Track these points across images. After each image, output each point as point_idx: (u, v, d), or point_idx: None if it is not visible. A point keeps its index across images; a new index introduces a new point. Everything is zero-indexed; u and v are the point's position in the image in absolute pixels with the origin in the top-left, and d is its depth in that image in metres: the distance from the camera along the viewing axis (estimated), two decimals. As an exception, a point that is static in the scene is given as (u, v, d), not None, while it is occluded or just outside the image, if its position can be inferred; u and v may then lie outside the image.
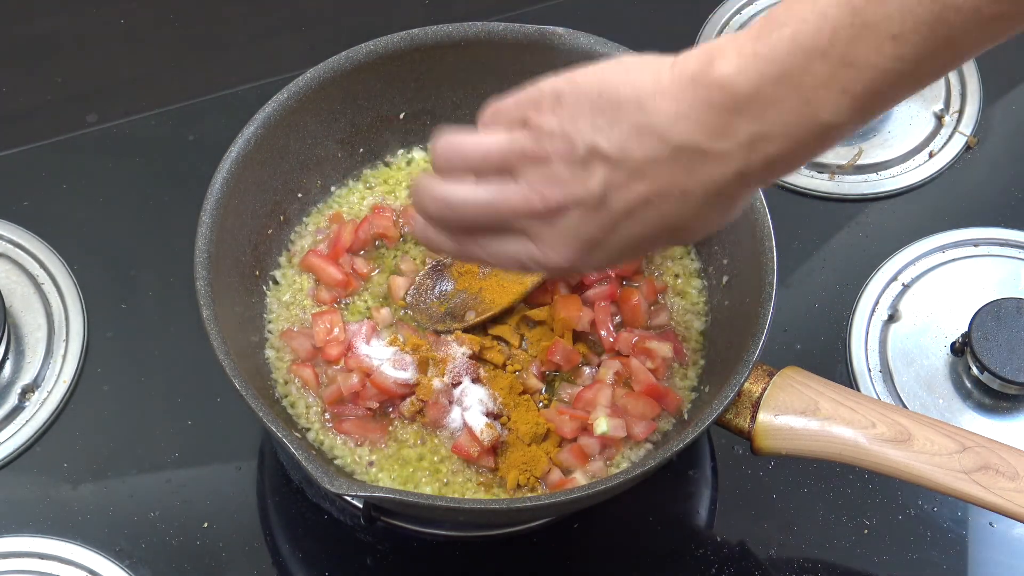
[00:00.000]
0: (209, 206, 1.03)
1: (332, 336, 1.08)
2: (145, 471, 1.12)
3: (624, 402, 1.06)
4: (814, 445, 0.99)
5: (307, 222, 1.17)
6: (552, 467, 1.04)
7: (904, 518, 1.11)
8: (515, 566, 1.09)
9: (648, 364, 1.07)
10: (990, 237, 1.25)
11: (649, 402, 1.06)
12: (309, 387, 1.07)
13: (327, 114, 1.14)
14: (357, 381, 1.05)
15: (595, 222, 0.80)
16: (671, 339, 1.09)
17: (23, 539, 1.08)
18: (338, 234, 1.14)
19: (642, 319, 1.10)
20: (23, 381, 1.16)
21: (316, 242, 1.15)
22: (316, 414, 1.06)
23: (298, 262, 1.14)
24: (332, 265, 1.13)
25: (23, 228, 1.24)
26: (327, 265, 1.13)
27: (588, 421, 1.04)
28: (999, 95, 1.36)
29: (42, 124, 1.33)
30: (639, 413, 1.05)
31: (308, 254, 1.14)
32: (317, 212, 1.17)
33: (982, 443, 0.96)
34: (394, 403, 1.06)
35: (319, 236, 1.15)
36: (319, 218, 1.17)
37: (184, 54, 1.39)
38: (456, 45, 1.14)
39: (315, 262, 1.13)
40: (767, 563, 1.09)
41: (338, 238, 1.14)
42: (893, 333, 1.20)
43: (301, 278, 1.14)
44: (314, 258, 1.13)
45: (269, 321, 1.11)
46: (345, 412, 1.06)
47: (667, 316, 1.11)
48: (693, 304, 1.13)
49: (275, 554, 1.09)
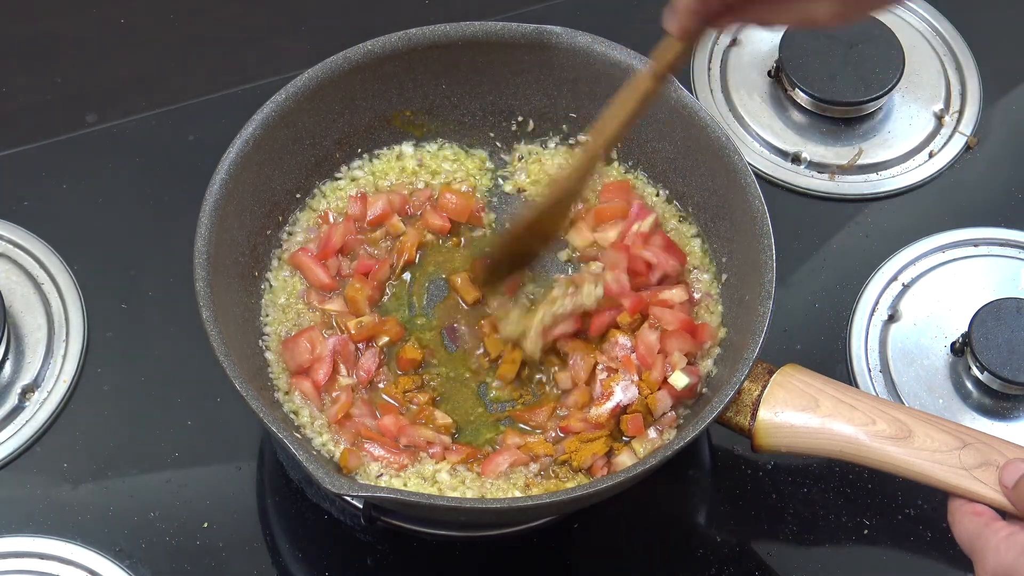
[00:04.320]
0: (208, 208, 1.03)
1: (315, 355, 1.08)
2: (145, 471, 1.12)
3: (664, 344, 1.07)
4: (815, 442, 0.99)
5: (300, 217, 1.17)
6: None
7: (904, 518, 1.11)
8: (515, 566, 1.10)
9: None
10: (990, 237, 1.25)
11: (686, 337, 1.07)
12: (310, 399, 1.07)
13: (325, 114, 1.14)
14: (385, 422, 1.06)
15: None
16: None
17: (23, 539, 1.08)
18: (328, 235, 1.14)
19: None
20: (23, 381, 1.16)
21: (308, 240, 1.15)
22: (315, 415, 1.06)
23: (287, 258, 1.14)
24: (319, 267, 1.13)
25: (23, 228, 1.24)
26: (314, 266, 1.13)
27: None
28: (999, 95, 1.36)
29: (42, 124, 1.32)
30: (684, 350, 1.06)
31: (296, 252, 1.14)
32: (309, 209, 1.17)
33: (983, 439, 0.96)
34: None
35: (311, 235, 1.16)
36: (310, 214, 1.17)
37: (184, 54, 1.39)
38: (453, 45, 1.14)
39: (303, 261, 1.13)
40: (767, 563, 1.09)
41: (328, 239, 1.14)
42: (893, 333, 1.20)
43: (294, 278, 1.14)
44: (302, 257, 1.13)
45: (266, 324, 1.11)
46: (353, 426, 1.06)
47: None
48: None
49: (275, 554, 1.09)
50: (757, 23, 0.88)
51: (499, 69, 1.17)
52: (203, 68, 1.38)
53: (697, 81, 1.35)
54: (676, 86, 1.10)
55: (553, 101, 1.18)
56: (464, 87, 1.18)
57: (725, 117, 1.33)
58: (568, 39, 1.13)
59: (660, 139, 1.15)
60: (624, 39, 1.13)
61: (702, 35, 0.90)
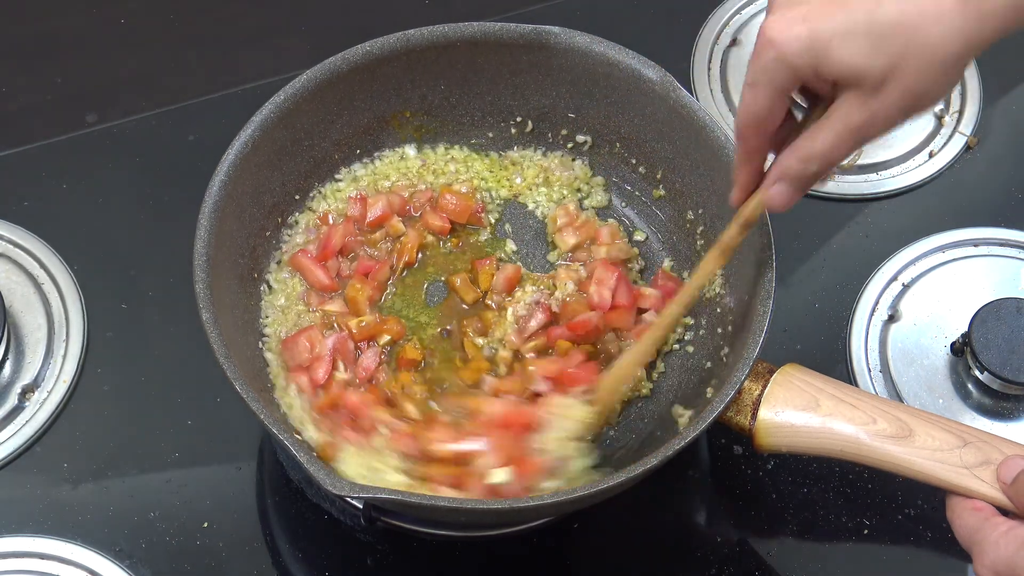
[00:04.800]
0: (207, 210, 1.03)
1: (314, 354, 1.08)
2: (145, 471, 1.12)
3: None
4: (815, 442, 0.99)
5: (299, 220, 1.17)
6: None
7: (904, 518, 1.11)
8: (515, 566, 1.10)
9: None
10: (990, 237, 1.25)
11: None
12: (305, 393, 1.07)
13: (324, 115, 1.14)
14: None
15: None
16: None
17: (23, 539, 1.08)
18: (328, 236, 1.14)
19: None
20: (23, 381, 1.16)
21: (308, 241, 1.15)
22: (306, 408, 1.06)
23: (287, 260, 1.14)
24: (319, 268, 1.13)
25: (23, 228, 1.24)
26: (314, 267, 1.13)
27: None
28: (999, 95, 1.36)
29: (42, 124, 1.32)
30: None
31: (296, 254, 1.14)
32: (308, 211, 1.17)
33: (983, 438, 0.96)
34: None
35: (310, 236, 1.16)
36: (310, 216, 1.17)
37: (184, 54, 1.39)
38: (452, 46, 1.14)
39: (303, 263, 1.13)
40: (767, 563, 1.09)
41: (328, 240, 1.14)
42: (893, 333, 1.20)
43: (293, 280, 1.14)
44: (302, 258, 1.14)
45: (266, 325, 1.11)
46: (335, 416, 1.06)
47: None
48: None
49: (275, 554, 1.09)
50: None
51: (498, 70, 1.16)
52: (203, 68, 1.38)
53: (697, 81, 1.35)
54: (676, 86, 1.10)
55: (552, 101, 1.18)
56: (463, 88, 1.18)
57: (725, 117, 1.33)
58: (567, 39, 1.13)
59: (660, 139, 1.15)
60: (623, 39, 1.13)
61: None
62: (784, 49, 0.85)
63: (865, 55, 0.83)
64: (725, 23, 1.40)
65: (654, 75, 1.11)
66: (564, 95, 1.17)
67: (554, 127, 1.20)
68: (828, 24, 0.83)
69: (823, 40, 0.83)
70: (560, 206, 1.19)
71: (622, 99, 1.15)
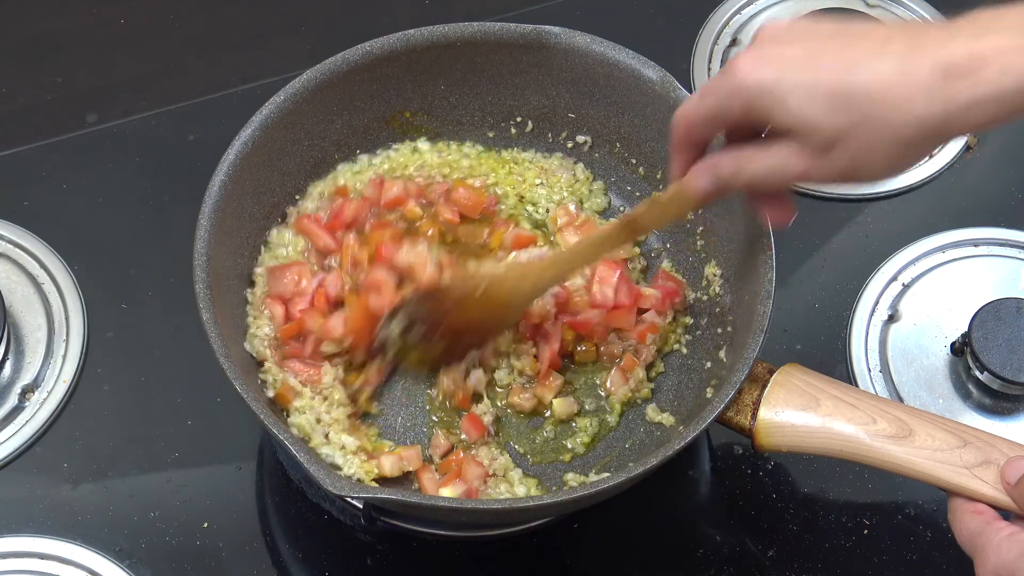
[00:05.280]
0: (207, 210, 1.03)
1: (298, 288, 1.10)
2: (145, 471, 1.12)
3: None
4: (815, 442, 0.99)
5: (311, 191, 1.17)
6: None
7: (904, 518, 1.11)
8: (515, 566, 1.10)
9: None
10: (990, 237, 1.25)
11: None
12: (276, 321, 1.09)
13: (324, 115, 1.14)
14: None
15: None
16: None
17: (23, 539, 1.08)
18: (341, 207, 1.15)
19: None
20: (23, 381, 1.16)
21: (318, 207, 1.16)
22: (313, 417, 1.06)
23: (292, 223, 1.15)
24: (324, 232, 1.14)
25: (23, 228, 1.24)
26: (320, 231, 1.14)
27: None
28: (999, 95, 1.36)
29: (42, 124, 1.33)
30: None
31: (302, 217, 1.14)
32: (322, 181, 1.17)
33: (983, 438, 0.96)
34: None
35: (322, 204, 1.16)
36: (322, 185, 1.17)
37: (184, 54, 1.39)
38: (452, 46, 1.14)
39: (308, 226, 1.14)
40: (767, 563, 1.09)
41: (340, 210, 1.14)
42: (893, 333, 1.20)
43: (297, 238, 1.14)
44: (307, 222, 1.14)
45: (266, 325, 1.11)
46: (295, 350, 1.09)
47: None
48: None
49: (275, 554, 1.09)
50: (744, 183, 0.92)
51: (498, 70, 1.17)
52: (203, 68, 1.38)
53: (697, 81, 1.35)
54: (676, 86, 1.10)
55: (552, 102, 1.18)
56: (463, 88, 1.18)
57: (725, 117, 1.33)
58: (567, 39, 1.13)
59: (660, 139, 1.15)
60: (623, 39, 1.13)
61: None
62: (744, 84, 0.85)
63: (821, 114, 0.82)
64: (725, 23, 1.40)
65: (654, 75, 1.11)
66: (564, 95, 1.17)
67: (554, 127, 1.20)
68: (795, 76, 0.83)
69: (784, 89, 0.83)
70: (560, 206, 1.19)
71: (622, 99, 1.15)
